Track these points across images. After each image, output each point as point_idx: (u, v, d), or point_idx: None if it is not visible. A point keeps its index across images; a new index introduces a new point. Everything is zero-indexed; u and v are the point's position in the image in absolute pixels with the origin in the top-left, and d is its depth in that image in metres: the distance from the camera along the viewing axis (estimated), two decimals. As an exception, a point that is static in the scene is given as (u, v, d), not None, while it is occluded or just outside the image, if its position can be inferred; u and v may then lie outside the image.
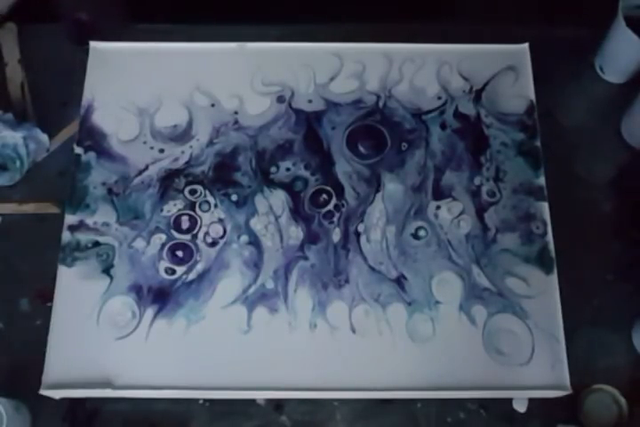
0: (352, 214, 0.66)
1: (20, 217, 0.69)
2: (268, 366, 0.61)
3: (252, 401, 0.63)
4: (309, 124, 0.70)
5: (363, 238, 0.65)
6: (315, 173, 0.68)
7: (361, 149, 0.69)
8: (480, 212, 0.66)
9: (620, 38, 0.72)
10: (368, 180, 0.68)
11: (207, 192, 0.67)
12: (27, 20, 0.77)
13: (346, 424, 0.63)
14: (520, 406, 0.63)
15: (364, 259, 0.64)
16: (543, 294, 0.63)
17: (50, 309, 0.62)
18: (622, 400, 0.63)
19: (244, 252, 0.64)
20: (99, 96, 0.70)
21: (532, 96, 0.71)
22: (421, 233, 0.66)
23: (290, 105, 0.70)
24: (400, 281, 0.64)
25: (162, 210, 0.66)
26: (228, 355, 0.61)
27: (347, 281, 0.64)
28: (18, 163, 0.70)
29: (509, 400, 0.63)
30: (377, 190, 0.67)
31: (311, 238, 0.65)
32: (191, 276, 0.64)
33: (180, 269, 0.64)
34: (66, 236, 0.64)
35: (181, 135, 0.69)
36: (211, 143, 0.69)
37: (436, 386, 0.60)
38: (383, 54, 0.73)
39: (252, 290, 0.63)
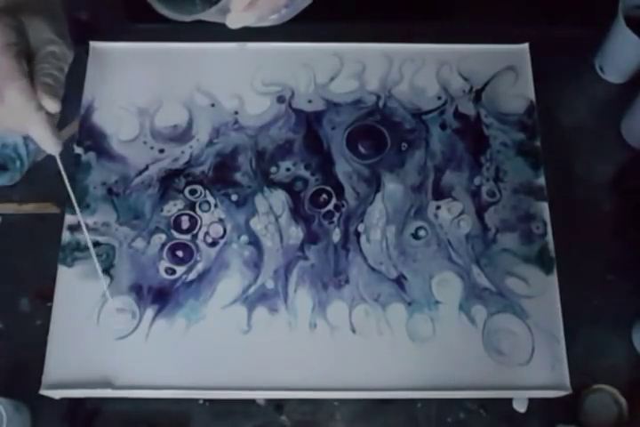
0: (352, 214, 0.66)
1: (20, 217, 0.69)
2: (268, 366, 0.61)
3: (252, 401, 0.63)
4: (309, 124, 0.70)
5: (363, 238, 0.65)
6: (315, 173, 0.68)
7: (361, 149, 0.69)
8: (480, 212, 0.66)
9: (620, 38, 0.72)
10: (368, 180, 0.68)
11: (207, 192, 0.67)
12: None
13: (346, 424, 0.63)
14: (520, 406, 0.63)
15: (364, 259, 0.64)
16: (543, 294, 0.63)
17: (50, 309, 0.62)
18: (622, 400, 0.63)
19: (244, 252, 0.64)
20: (99, 96, 0.70)
21: (532, 96, 0.71)
22: (421, 233, 0.66)
23: (290, 105, 0.70)
24: (400, 281, 0.64)
25: (162, 210, 0.66)
26: (228, 355, 0.61)
27: (347, 281, 0.64)
28: (18, 163, 0.70)
29: (509, 400, 0.63)
30: (377, 190, 0.67)
31: (311, 238, 0.65)
32: (191, 276, 0.64)
33: (180, 269, 0.64)
34: (66, 236, 0.64)
35: (181, 135, 0.69)
36: (211, 143, 0.69)
37: (436, 386, 0.60)
38: (383, 54, 0.73)
39: (252, 290, 0.63)
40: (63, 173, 0.57)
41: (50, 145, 0.53)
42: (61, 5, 0.60)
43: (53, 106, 0.52)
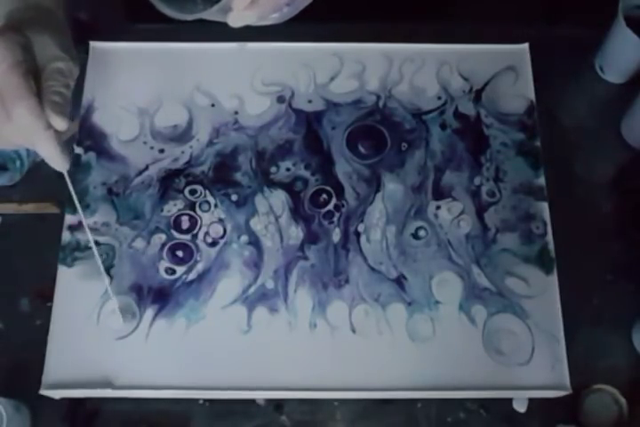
0: (352, 214, 0.66)
1: (20, 217, 0.69)
2: (268, 366, 0.61)
3: (252, 401, 0.63)
4: (309, 124, 0.70)
5: (363, 238, 0.65)
6: (315, 173, 0.68)
7: (361, 149, 0.69)
8: (480, 212, 0.66)
9: (620, 38, 0.72)
10: (368, 180, 0.68)
11: (207, 192, 0.67)
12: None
13: (346, 424, 0.63)
14: (520, 406, 0.63)
15: (364, 259, 0.64)
16: (543, 294, 0.63)
17: (50, 309, 0.62)
18: (622, 400, 0.63)
19: (244, 252, 0.64)
20: (99, 96, 0.70)
21: (532, 96, 0.71)
22: (421, 233, 0.66)
23: (290, 105, 0.70)
24: (400, 281, 0.64)
25: (162, 210, 0.66)
26: (228, 355, 0.61)
27: (347, 281, 0.64)
28: (18, 163, 0.70)
29: (509, 400, 0.63)
30: (377, 190, 0.67)
31: (311, 238, 0.65)
32: (191, 276, 0.64)
33: (180, 269, 0.64)
34: (66, 236, 0.64)
35: (181, 135, 0.69)
36: (211, 143, 0.69)
37: (436, 386, 0.60)
38: (383, 54, 0.73)
39: (252, 290, 0.63)
40: (71, 188, 0.57)
41: (58, 162, 0.53)
42: (65, 19, 0.60)
43: (62, 124, 0.52)
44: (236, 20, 0.48)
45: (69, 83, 0.55)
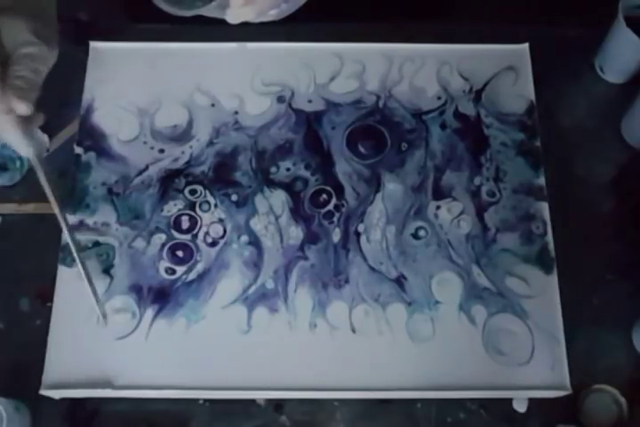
0: (352, 214, 0.66)
1: (20, 217, 0.69)
2: (268, 366, 0.61)
3: (252, 401, 0.63)
4: (309, 124, 0.70)
5: (363, 238, 0.65)
6: (315, 173, 0.68)
7: (361, 149, 0.69)
8: (480, 212, 0.66)
9: (620, 38, 0.72)
10: (368, 180, 0.68)
11: (207, 192, 0.67)
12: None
13: (346, 424, 0.63)
14: (520, 406, 0.63)
15: (364, 259, 0.64)
16: (543, 294, 0.64)
17: (50, 309, 0.62)
18: (622, 400, 0.63)
19: (244, 252, 0.64)
20: (99, 96, 0.70)
21: (532, 96, 0.71)
22: (421, 233, 0.66)
23: (290, 105, 0.70)
24: (400, 281, 0.64)
25: (162, 210, 0.66)
26: (228, 355, 0.61)
27: (347, 281, 0.64)
28: (18, 163, 0.70)
29: (509, 400, 0.63)
30: (377, 190, 0.67)
31: (311, 238, 0.65)
32: (191, 276, 0.64)
33: (180, 269, 0.64)
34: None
35: (181, 135, 0.69)
36: (211, 143, 0.69)
37: (436, 386, 0.60)
38: (383, 54, 0.73)
39: (252, 290, 0.63)
40: (40, 173, 0.57)
41: (20, 147, 0.53)
42: (53, 8, 0.60)
43: (23, 108, 0.51)
44: (234, 17, 0.48)
45: (38, 67, 0.54)
